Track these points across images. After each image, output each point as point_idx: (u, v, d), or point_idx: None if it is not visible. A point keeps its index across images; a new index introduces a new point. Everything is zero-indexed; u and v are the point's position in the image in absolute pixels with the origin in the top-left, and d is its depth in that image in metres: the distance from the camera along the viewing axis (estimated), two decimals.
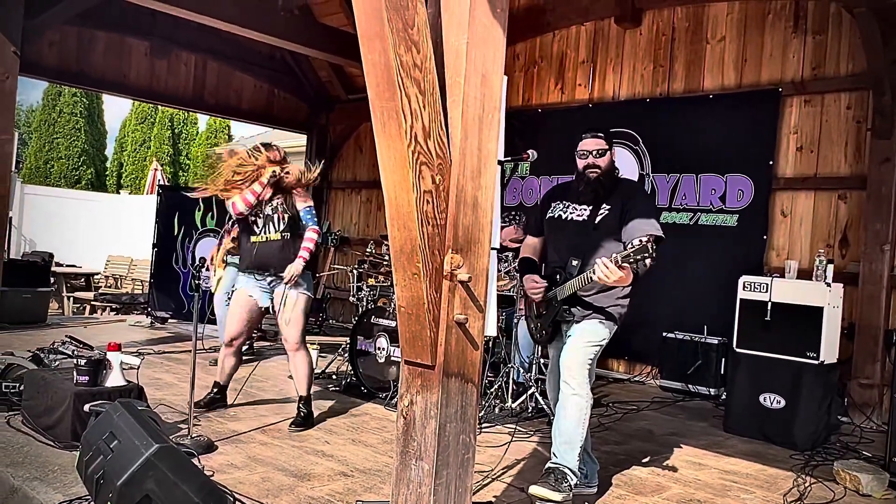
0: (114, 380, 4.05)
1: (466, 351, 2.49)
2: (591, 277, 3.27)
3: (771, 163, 6.61)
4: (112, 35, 8.80)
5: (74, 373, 3.97)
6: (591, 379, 3.54)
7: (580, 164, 3.62)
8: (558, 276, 3.56)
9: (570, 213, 3.63)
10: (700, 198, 6.97)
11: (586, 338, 3.51)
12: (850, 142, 6.27)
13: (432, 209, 2.36)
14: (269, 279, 4.65)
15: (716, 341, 6.49)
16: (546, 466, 3.52)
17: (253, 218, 4.65)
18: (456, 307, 2.43)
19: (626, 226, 3.42)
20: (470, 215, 2.44)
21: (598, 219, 3.52)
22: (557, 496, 3.33)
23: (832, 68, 6.38)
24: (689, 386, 6.57)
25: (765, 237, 6.61)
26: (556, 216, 3.68)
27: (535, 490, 3.37)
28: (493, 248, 2.58)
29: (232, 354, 4.85)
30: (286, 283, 4.53)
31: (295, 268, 4.53)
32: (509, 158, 3.18)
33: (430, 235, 2.36)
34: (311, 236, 4.66)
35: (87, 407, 3.64)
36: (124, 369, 4.16)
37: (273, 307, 4.66)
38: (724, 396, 6.04)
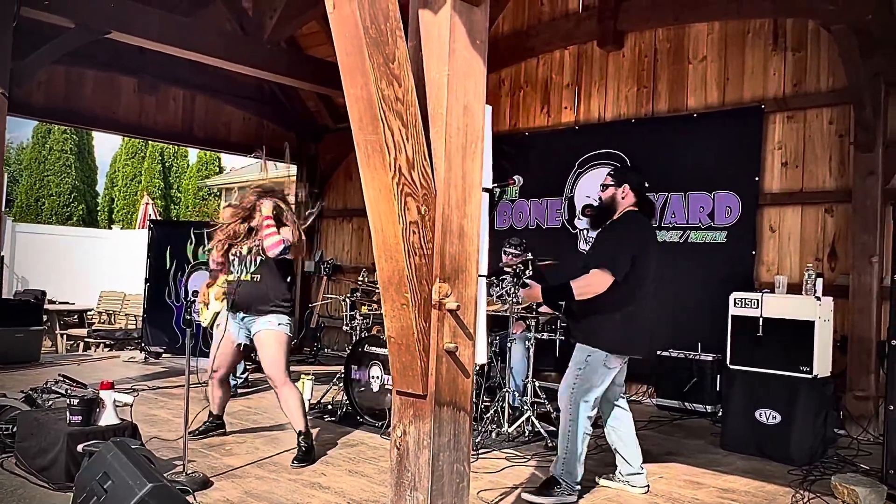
0: (107, 418, 4.03)
1: (457, 379, 2.50)
2: None
3: (757, 179, 6.67)
4: (100, 73, 8.84)
5: (67, 412, 3.95)
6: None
7: None
8: None
9: None
10: (689, 215, 7.02)
11: None
12: (834, 156, 6.34)
13: (418, 239, 2.38)
14: (242, 317, 4.65)
15: (710, 358, 6.49)
16: None
17: (232, 258, 4.70)
18: (445, 336, 2.44)
19: None
20: (456, 244, 2.47)
21: None
22: None
23: (813, 84, 6.47)
24: (686, 404, 6.55)
25: (754, 252, 6.65)
26: None
27: None
28: (480, 276, 2.60)
29: (217, 386, 4.91)
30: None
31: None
32: (495, 185, 3.22)
33: (418, 265, 2.38)
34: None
35: (80, 447, 3.61)
36: (118, 407, 4.14)
37: (252, 345, 4.67)
38: (720, 413, 6.04)
